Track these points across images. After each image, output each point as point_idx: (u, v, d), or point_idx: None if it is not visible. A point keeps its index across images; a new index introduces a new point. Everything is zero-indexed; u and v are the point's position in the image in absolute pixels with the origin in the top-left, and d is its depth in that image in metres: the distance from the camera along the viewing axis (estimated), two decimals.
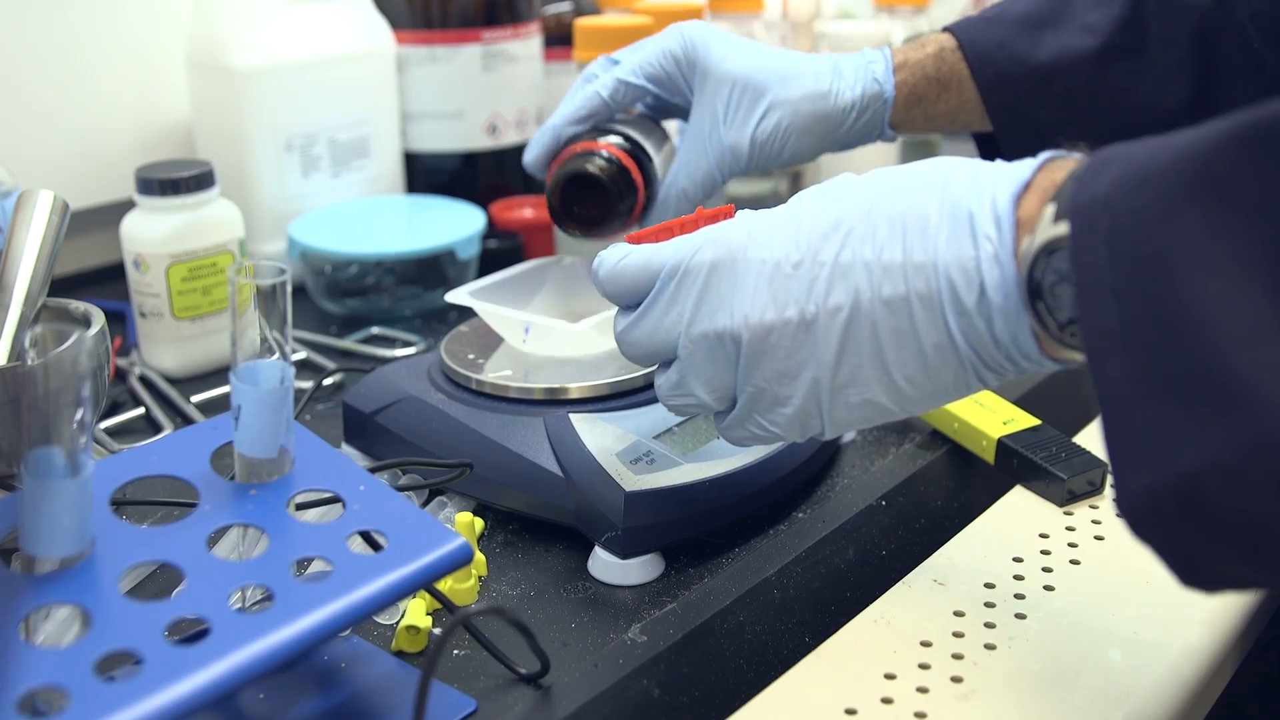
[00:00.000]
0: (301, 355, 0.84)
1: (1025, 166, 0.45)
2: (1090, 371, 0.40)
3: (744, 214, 0.52)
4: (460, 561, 0.47)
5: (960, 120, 0.77)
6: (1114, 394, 0.39)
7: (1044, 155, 0.45)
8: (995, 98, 0.75)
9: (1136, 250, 0.38)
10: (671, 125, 0.83)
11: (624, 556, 0.58)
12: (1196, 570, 0.40)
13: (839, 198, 0.49)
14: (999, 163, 0.46)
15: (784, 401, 0.50)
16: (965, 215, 0.45)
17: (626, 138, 0.72)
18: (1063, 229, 0.41)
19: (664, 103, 0.76)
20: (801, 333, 0.48)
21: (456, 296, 0.70)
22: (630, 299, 0.53)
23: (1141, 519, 0.40)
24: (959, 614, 0.55)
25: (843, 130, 0.74)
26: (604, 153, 0.71)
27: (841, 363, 0.47)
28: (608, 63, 0.76)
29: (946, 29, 0.77)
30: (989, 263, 0.44)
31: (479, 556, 0.59)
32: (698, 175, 0.73)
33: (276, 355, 0.48)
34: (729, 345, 0.50)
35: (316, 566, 0.55)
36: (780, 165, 0.75)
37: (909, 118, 0.76)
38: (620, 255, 0.53)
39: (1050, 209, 0.42)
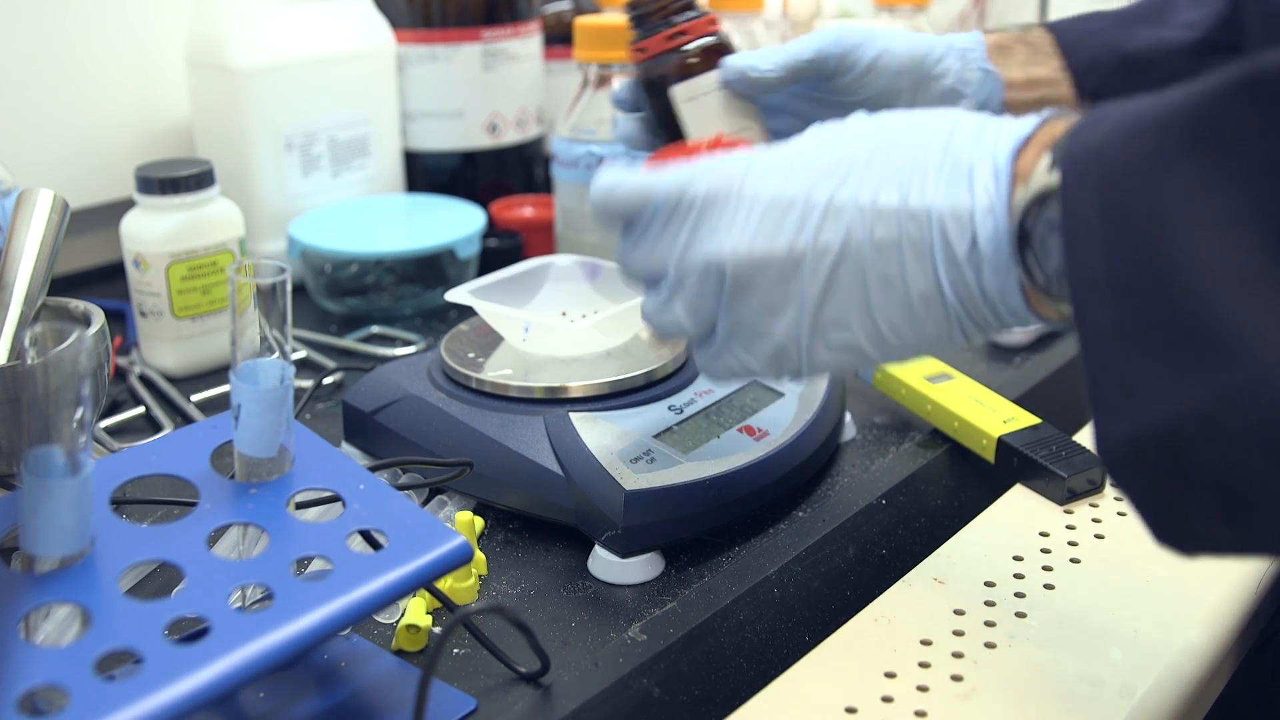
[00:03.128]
0: (301, 354, 0.84)
1: (1028, 122, 0.45)
2: (1075, 321, 0.40)
3: (748, 149, 0.52)
4: (460, 560, 0.47)
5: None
6: (1098, 343, 0.39)
7: (1048, 111, 0.45)
8: (1088, 80, 0.74)
9: (1127, 200, 0.38)
10: None
11: (624, 555, 0.58)
12: (1171, 525, 0.41)
13: (842, 139, 0.49)
14: (1005, 118, 0.46)
15: (764, 336, 0.49)
16: (965, 168, 0.45)
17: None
18: (1055, 178, 0.41)
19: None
20: (789, 269, 0.48)
21: (456, 295, 0.70)
22: (620, 219, 0.53)
23: (1122, 467, 0.40)
24: (959, 613, 0.55)
25: None
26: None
27: (825, 303, 0.47)
28: None
29: (1041, 25, 0.76)
30: (983, 214, 0.44)
31: (479, 555, 0.59)
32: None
33: (276, 354, 0.48)
34: (715, 274, 0.50)
35: (316, 565, 0.55)
36: None
37: None
38: (617, 178, 0.53)
39: (1046, 159, 0.42)
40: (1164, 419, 0.37)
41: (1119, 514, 0.63)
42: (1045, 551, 0.60)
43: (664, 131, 0.68)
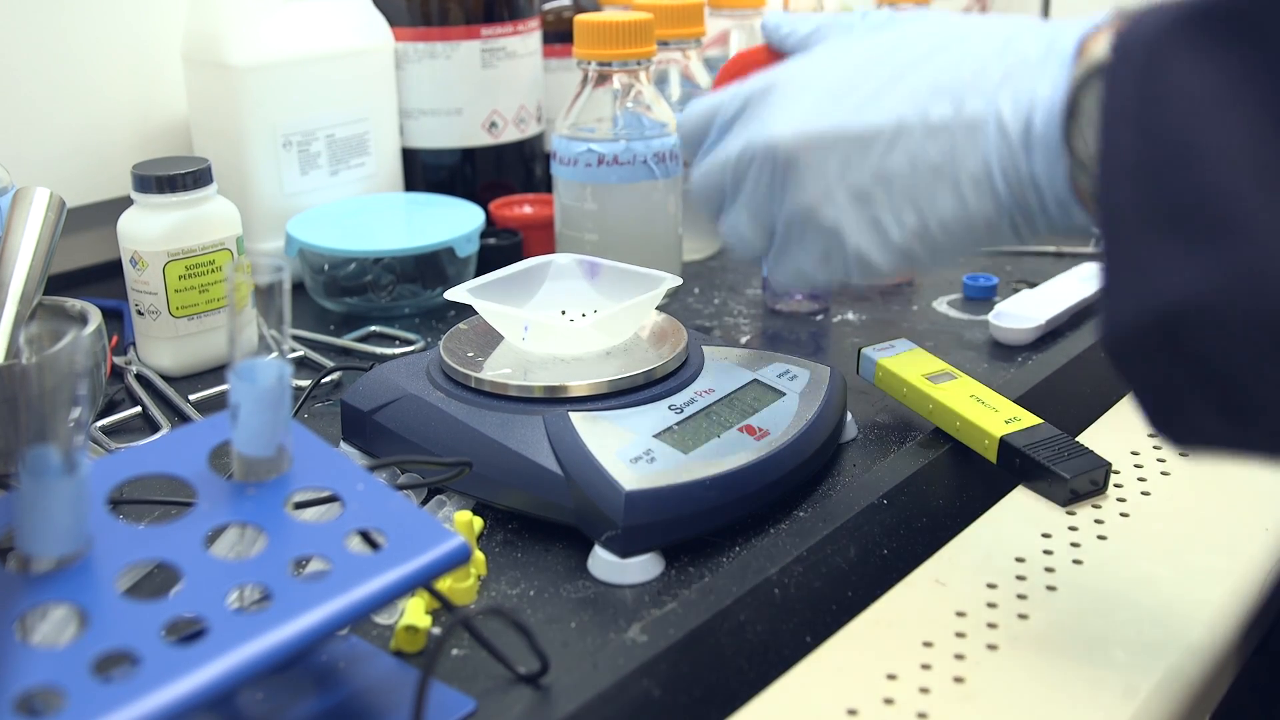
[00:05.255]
0: (300, 353, 0.84)
1: (1101, 15, 0.45)
2: (1099, 198, 0.40)
3: (799, 56, 0.53)
4: (459, 560, 0.47)
5: None
6: (1116, 221, 0.39)
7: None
8: None
9: (1165, 86, 0.38)
10: None
11: (624, 556, 0.58)
12: (1168, 414, 0.41)
13: (904, 35, 0.49)
14: (1077, 20, 0.46)
15: (814, 227, 0.49)
16: (1029, 53, 0.45)
17: None
18: (1109, 55, 0.41)
19: None
20: (840, 149, 0.47)
21: (456, 294, 0.70)
22: (696, 141, 0.55)
23: (1124, 349, 0.40)
24: (961, 614, 0.55)
25: None
26: None
27: (874, 190, 0.47)
28: None
29: None
30: (1045, 91, 0.43)
31: (478, 555, 0.59)
32: None
33: (274, 353, 0.47)
34: (768, 160, 0.49)
35: (315, 565, 0.55)
36: None
37: None
38: (690, 106, 0.55)
39: (1107, 39, 0.42)
40: (1168, 300, 0.38)
41: (1121, 515, 0.62)
42: (1047, 553, 0.59)
43: None
